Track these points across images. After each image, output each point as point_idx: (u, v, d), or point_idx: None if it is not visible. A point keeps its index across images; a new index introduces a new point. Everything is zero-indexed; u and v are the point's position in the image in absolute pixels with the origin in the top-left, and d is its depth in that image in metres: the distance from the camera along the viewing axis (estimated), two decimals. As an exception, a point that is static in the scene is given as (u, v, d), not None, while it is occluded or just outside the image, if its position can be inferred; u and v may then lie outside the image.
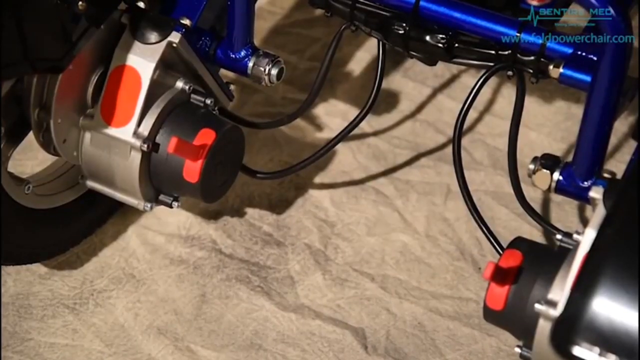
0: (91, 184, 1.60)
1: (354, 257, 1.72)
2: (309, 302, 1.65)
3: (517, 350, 1.32)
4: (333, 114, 1.93)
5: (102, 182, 1.58)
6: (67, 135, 1.54)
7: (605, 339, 1.03)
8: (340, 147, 1.87)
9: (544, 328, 1.24)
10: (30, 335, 1.60)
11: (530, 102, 1.94)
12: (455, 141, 1.58)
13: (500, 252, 1.51)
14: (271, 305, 1.64)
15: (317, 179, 1.82)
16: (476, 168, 1.84)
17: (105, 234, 1.73)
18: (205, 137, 1.52)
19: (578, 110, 1.92)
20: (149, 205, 1.57)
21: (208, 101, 1.57)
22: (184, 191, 1.56)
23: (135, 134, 1.51)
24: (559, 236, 1.33)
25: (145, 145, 1.50)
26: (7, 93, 1.46)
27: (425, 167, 1.84)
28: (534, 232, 1.73)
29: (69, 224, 1.67)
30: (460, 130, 1.58)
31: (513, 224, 1.75)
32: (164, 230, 1.74)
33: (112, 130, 1.52)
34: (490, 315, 1.33)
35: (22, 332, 1.60)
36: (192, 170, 1.51)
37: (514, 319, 1.31)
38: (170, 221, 1.76)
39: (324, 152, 1.71)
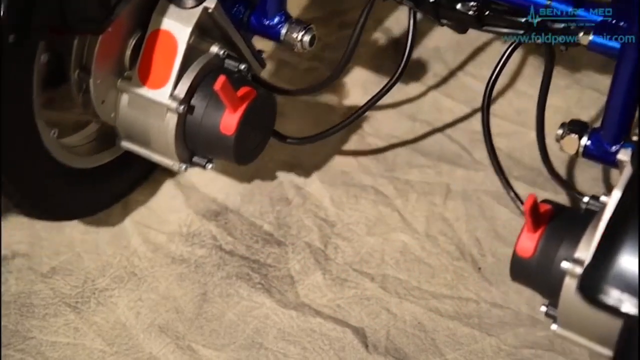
0: (127, 145, 1.65)
1: (354, 256, 1.72)
2: (309, 301, 1.65)
3: (543, 309, 1.35)
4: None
5: (138, 144, 1.64)
6: (106, 97, 1.59)
7: (633, 285, 1.06)
8: (340, 147, 1.87)
9: (569, 286, 1.28)
10: (32, 334, 1.60)
11: (530, 102, 1.94)
12: (485, 110, 1.62)
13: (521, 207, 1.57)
14: (272, 302, 1.65)
15: (317, 179, 1.83)
16: (476, 168, 1.84)
17: (106, 233, 1.73)
18: (245, 93, 1.57)
19: (578, 110, 1.92)
20: (183, 166, 1.62)
21: (242, 66, 1.61)
22: (218, 150, 1.60)
23: (172, 96, 1.56)
24: (585, 199, 1.37)
25: (181, 107, 1.55)
26: (48, 54, 1.50)
27: (425, 167, 1.85)
28: (533, 232, 1.73)
29: (106, 184, 1.73)
30: (489, 99, 1.62)
31: (513, 224, 1.75)
32: (165, 228, 1.75)
33: (148, 92, 1.57)
34: (518, 267, 1.36)
35: (24, 330, 1.60)
36: (229, 122, 1.56)
37: (541, 273, 1.34)
38: (172, 219, 1.76)
39: (352, 120, 1.75)
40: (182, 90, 1.57)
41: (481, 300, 1.65)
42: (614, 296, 1.06)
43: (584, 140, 1.53)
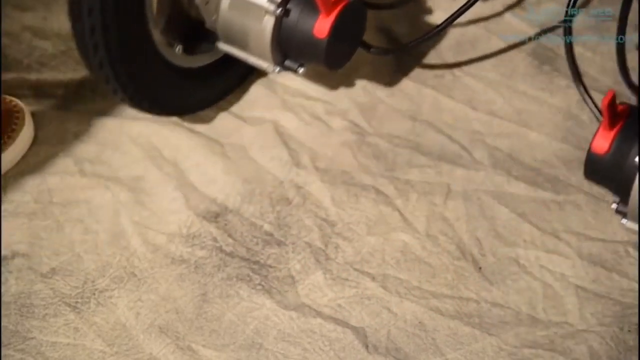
0: (225, 47, 1.77)
1: (354, 256, 1.72)
2: (310, 301, 1.65)
3: (614, 206, 1.41)
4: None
5: (236, 46, 1.75)
6: None
7: None
8: (340, 147, 1.87)
9: None
10: (32, 334, 1.60)
11: (530, 102, 1.94)
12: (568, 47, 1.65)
13: (600, 117, 1.59)
14: (272, 303, 1.65)
15: (318, 178, 1.82)
16: (476, 168, 1.84)
17: (106, 233, 1.73)
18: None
19: (578, 111, 1.92)
20: (277, 68, 1.73)
21: None
22: (310, 53, 1.69)
23: None
24: None
25: (279, 10, 1.66)
26: None
27: (426, 166, 1.85)
28: (534, 232, 1.73)
29: (207, 84, 1.88)
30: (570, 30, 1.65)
31: (513, 224, 1.75)
32: (165, 229, 1.75)
33: None
34: (592, 164, 1.41)
35: (24, 330, 1.60)
36: (323, 26, 1.65)
37: (614, 170, 1.39)
38: (171, 220, 1.76)
39: (437, 32, 1.82)
40: None
41: (482, 300, 1.65)
42: None
43: None
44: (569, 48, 1.68)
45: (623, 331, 1.59)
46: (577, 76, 1.70)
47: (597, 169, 1.42)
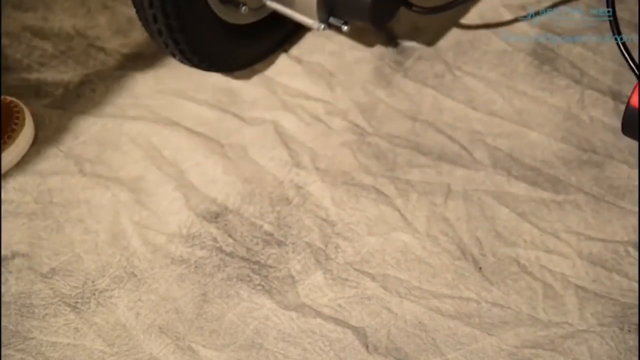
0: (272, 4, 1.83)
1: (354, 256, 1.72)
2: (310, 301, 1.65)
3: None
4: None
5: (283, 3, 1.80)
6: None
7: None
8: (340, 147, 1.87)
9: None
10: (32, 334, 1.60)
11: (530, 102, 1.94)
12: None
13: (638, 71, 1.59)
14: (272, 304, 1.65)
15: (318, 178, 1.82)
16: (476, 168, 1.84)
17: (106, 234, 1.73)
18: None
19: (578, 110, 1.92)
20: (322, 25, 1.79)
21: None
22: (355, 10, 1.75)
23: None
24: None
25: None
26: None
27: (426, 166, 1.85)
28: (534, 232, 1.73)
29: (258, 40, 1.96)
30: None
31: (513, 224, 1.75)
32: (165, 229, 1.75)
33: None
34: (631, 119, 1.43)
35: (24, 331, 1.60)
36: None
37: None
38: (171, 220, 1.76)
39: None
40: None
41: (482, 300, 1.65)
42: None
43: None
44: None
45: (623, 331, 1.59)
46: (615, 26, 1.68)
47: (635, 124, 1.43)
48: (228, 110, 1.94)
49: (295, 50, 2.05)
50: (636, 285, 1.65)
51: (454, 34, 2.06)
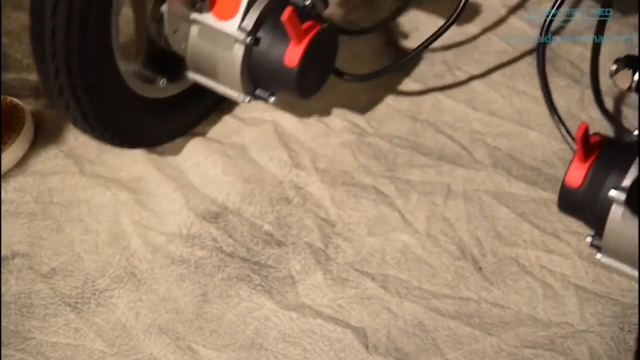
0: (195, 76, 1.72)
1: (354, 256, 1.72)
2: (310, 301, 1.65)
3: (589, 239, 1.39)
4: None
5: (205, 75, 1.71)
6: (178, 26, 1.67)
7: None
8: (340, 147, 1.87)
9: (616, 214, 1.32)
10: (32, 334, 1.60)
11: (530, 102, 1.94)
12: (540, 49, 1.63)
13: (573, 146, 1.58)
14: (272, 304, 1.65)
15: (318, 179, 1.82)
16: (476, 168, 1.84)
17: (106, 234, 1.73)
18: (310, 27, 1.63)
19: (578, 110, 1.92)
20: (247, 98, 1.69)
21: (307, 2, 1.67)
22: (281, 82, 1.66)
23: (240, 27, 1.63)
24: (636, 132, 1.40)
25: (249, 39, 1.62)
26: None
27: (426, 166, 1.85)
28: (534, 232, 1.73)
29: (176, 114, 1.82)
30: (546, 32, 1.63)
31: (513, 224, 1.75)
32: (165, 229, 1.75)
33: (218, 24, 1.65)
34: (566, 197, 1.39)
35: (24, 331, 1.60)
36: (293, 54, 1.62)
37: (589, 202, 1.37)
38: (171, 221, 1.76)
39: (408, 60, 1.82)
40: (249, 22, 1.64)
41: (482, 300, 1.65)
42: None
43: (637, 76, 1.53)
44: (541, 51, 1.67)
45: (623, 331, 1.59)
46: (549, 102, 1.67)
47: (571, 203, 1.40)
48: (228, 111, 1.94)
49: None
50: (636, 285, 1.65)
51: (454, 34, 2.06)
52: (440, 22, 1.81)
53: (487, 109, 1.94)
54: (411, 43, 2.00)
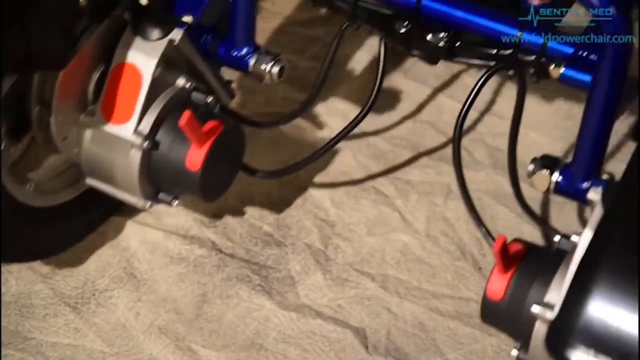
0: (91, 181, 1.58)
1: (354, 256, 1.72)
2: (310, 301, 1.65)
3: (514, 352, 1.30)
4: (333, 114, 1.93)
5: (102, 180, 1.57)
6: (68, 133, 1.53)
7: (600, 342, 1.02)
8: (340, 147, 1.87)
9: (540, 331, 1.23)
10: (32, 335, 1.60)
11: (530, 102, 1.93)
12: (456, 142, 1.57)
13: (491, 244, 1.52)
14: (272, 304, 1.64)
15: (317, 179, 1.82)
16: (476, 168, 1.84)
17: (106, 234, 1.73)
18: (212, 127, 1.51)
19: (578, 110, 1.91)
20: (148, 203, 1.56)
21: (209, 99, 1.55)
22: (184, 185, 1.54)
23: (136, 131, 1.50)
24: (556, 238, 1.31)
25: (146, 143, 1.50)
26: (7, 90, 1.43)
27: (426, 166, 1.85)
28: (534, 232, 1.73)
29: (70, 222, 1.66)
30: (460, 131, 1.57)
31: (513, 224, 1.75)
32: (164, 229, 1.74)
33: (112, 128, 1.52)
34: (488, 310, 1.31)
35: (24, 331, 1.60)
36: (195, 158, 1.50)
37: (511, 317, 1.29)
38: (170, 222, 1.76)
39: (323, 153, 1.71)
40: (146, 125, 1.50)
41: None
42: (581, 352, 1.01)
43: (555, 176, 1.46)
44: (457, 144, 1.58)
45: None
46: (472, 209, 1.59)
47: (494, 315, 1.30)
48: (228, 111, 1.94)
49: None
50: (636, 285, 1.64)
51: (454, 34, 2.06)
52: (355, 111, 1.72)
53: (487, 109, 1.94)
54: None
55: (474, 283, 1.67)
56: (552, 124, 1.89)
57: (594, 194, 1.27)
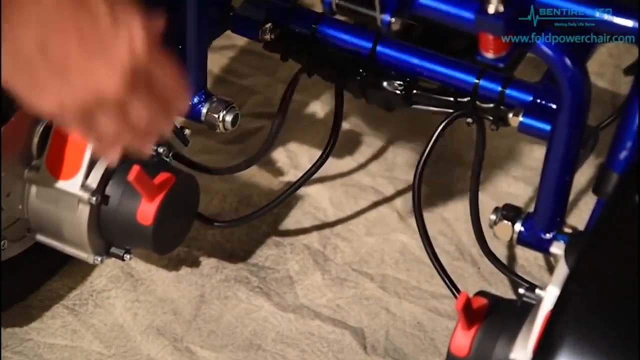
0: (39, 237, 1.53)
1: (353, 257, 1.72)
2: (308, 302, 1.65)
3: None
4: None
5: (49, 236, 1.52)
6: (11, 189, 1.47)
7: None
8: (339, 147, 1.86)
9: None
10: (30, 336, 1.60)
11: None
12: (415, 192, 1.54)
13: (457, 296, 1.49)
14: (270, 305, 1.64)
15: (316, 179, 1.82)
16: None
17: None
18: (163, 180, 1.46)
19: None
20: (99, 258, 1.51)
21: (161, 149, 1.51)
22: (136, 239, 1.50)
23: (83, 186, 1.45)
24: (521, 290, 1.27)
25: (94, 198, 1.44)
26: None
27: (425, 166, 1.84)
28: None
29: (17, 278, 1.60)
30: (420, 180, 1.54)
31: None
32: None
33: (58, 183, 1.46)
34: None
35: (22, 332, 1.60)
36: (147, 212, 1.45)
37: None
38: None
39: (283, 200, 1.67)
40: (94, 179, 1.45)
41: (481, 300, 1.64)
42: None
43: (518, 227, 1.43)
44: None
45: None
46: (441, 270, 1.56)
47: None
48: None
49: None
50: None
51: (453, 34, 2.06)
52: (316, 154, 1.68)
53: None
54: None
55: (472, 283, 1.67)
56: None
57: (557, 249, 1.25)
